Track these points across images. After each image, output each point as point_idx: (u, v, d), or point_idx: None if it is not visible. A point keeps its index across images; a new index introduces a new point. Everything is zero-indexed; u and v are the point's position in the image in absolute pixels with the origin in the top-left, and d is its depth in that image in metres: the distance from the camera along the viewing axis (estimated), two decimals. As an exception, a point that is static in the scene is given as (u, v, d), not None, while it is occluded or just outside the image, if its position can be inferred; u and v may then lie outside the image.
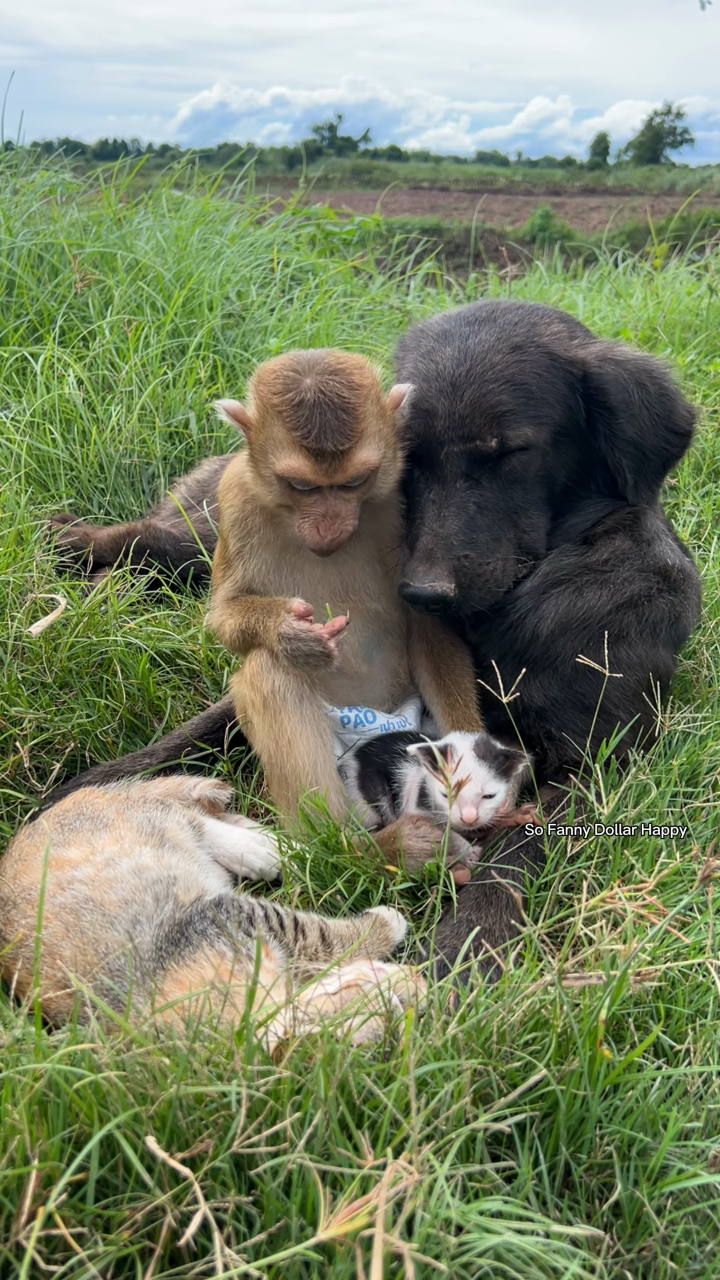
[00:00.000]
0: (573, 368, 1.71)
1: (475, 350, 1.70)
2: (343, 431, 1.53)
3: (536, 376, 1.68)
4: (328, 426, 1.52)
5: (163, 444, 2.91)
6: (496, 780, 1.57)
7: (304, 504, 1.60)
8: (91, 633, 2.04)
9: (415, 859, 1.57)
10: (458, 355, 1.71)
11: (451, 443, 1.68)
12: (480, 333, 1.73)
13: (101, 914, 1.30)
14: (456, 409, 1.67)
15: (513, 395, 1.67)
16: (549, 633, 1.74)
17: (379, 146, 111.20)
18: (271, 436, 1.58)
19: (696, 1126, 1.13)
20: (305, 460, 1.54)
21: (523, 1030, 1.12)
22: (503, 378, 1.67)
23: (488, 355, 1.69)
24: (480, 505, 1.70)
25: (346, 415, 1.53)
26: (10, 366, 3.10)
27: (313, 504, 1.60)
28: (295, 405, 1.53)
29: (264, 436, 1.59)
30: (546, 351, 1.70)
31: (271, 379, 1.58)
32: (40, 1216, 0.90)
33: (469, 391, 1.67)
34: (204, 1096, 0.99)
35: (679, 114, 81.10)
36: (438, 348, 1.75)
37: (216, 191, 4.81)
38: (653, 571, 1.81)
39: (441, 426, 1.68)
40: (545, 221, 17.39)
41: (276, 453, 1.57)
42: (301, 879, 1.56)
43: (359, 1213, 0.86)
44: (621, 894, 1.31)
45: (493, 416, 1.66)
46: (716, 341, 4.03)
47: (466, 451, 1.68)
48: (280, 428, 1.56)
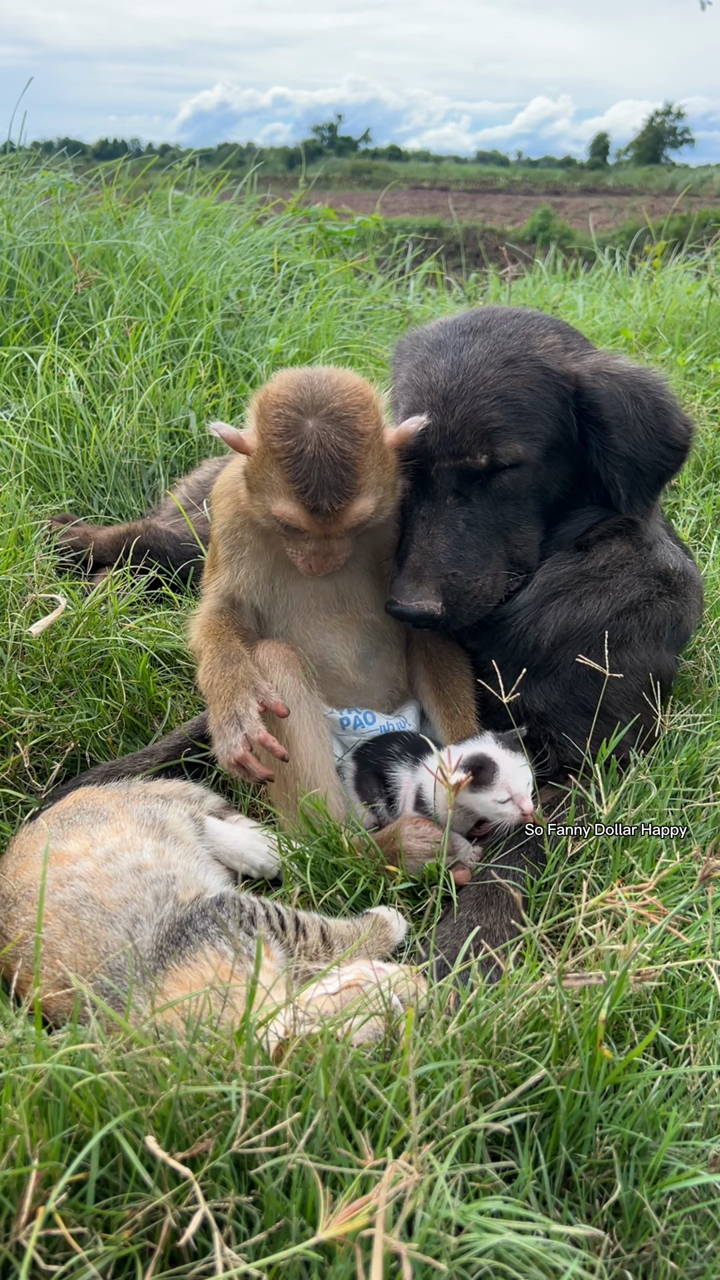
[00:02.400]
0: (566, 382, 1.69)
1: (468, 363, 1.68)
2: (340, 490, 1.50)
3: (529, 392, 1.67)
4: (325, 484, 1.49)
5: (163, 444, 2.91)
6: (527, 764, 1.61)
7: (297, 540, 1.60)
8: (91, 633, 2.04)
9: (415, 859, 1.57)
10: (450, 368, 1.69)
11: (442, 459, 1.67)
12: (474, 344, 1.71)
13: (101, 912, 1.30)
14: (448, 424, 1.66)
15: (504, 411, 1.65)
16: (550, 644, 1.74)
17: (379, 146, 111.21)
18: (268, 478, 1.55)
19: (696, 1126, 1.13)
20: (301, 512, 1.53)
21: (523, 1030, 1.12)
22: (494, 393, 1.65)
23: (480, 369, 1.67)
24: (470, 522, 1.69)
25: (346, 472, 1.51)
26: (10, 366, 3.10)
27: (305, 542, 1.59)
28: (295, 455, 1.50)
29: (261, 474, 1.57)
30: (540, 365, 1.69)
31: (274, 416, 1.53)
32: (40, 1216, 0.90)
33: (460, 407, 1.65)
34: (204, 1096, 0.99)
35: (679, 114, 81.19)
36: (431, 359, 1.73)
37: (217, 192, 4.81)
38: (653, 576, 1.81)
39: (433, 442, 1.67)
40: (545, 221, 17.40)
41: (273, 495, 1.55)
42: (302, 879, 1.56)
43: (359, 1213, 0.86)
44: (621, 894, 1.31)
45: (483, 433, 1.65)
46: (716, 341, 4.03)
47: (456, 468, 1.67)
48: (278, 474, 1.53)
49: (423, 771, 1.65)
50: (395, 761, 1.69)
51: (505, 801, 1.56)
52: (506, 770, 1.57)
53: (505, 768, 1.57)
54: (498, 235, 13.80)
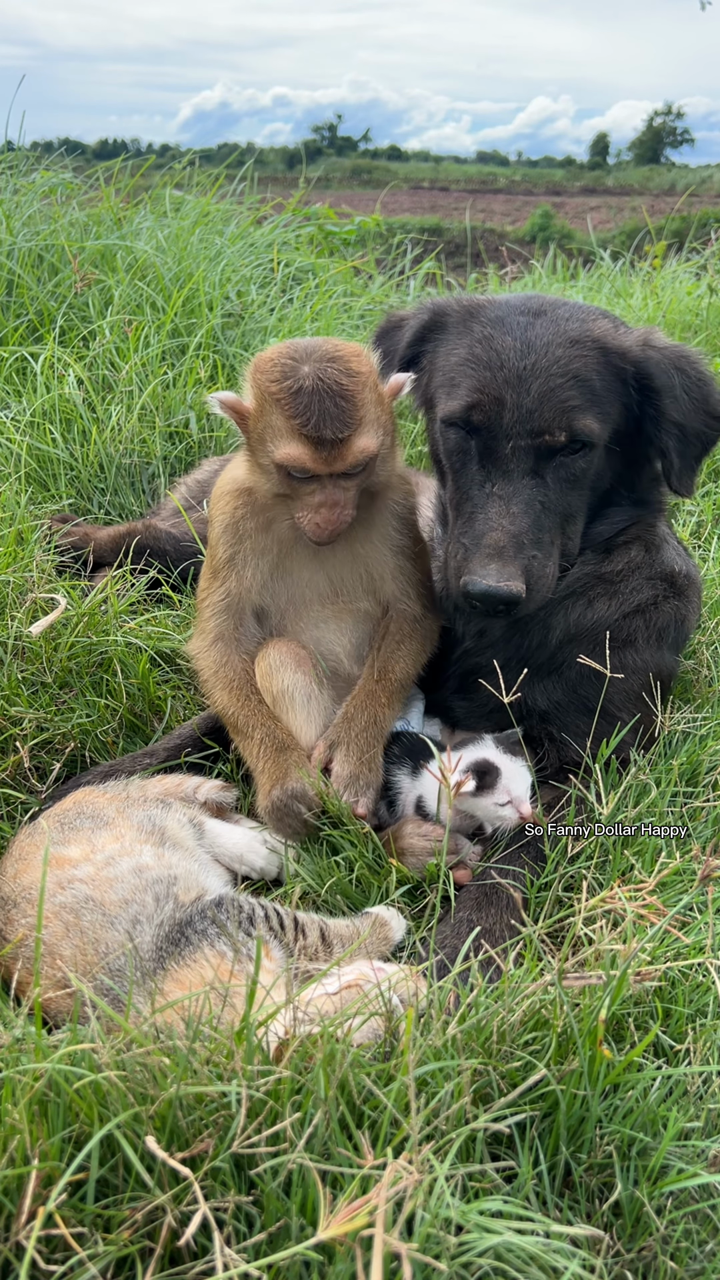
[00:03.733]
0: (624, 362, 1.68)
1: (537, 343, 1.66)
2: (342, 419, 1.52)
3: (597, 373, 1.66)
4: (327, 414, 1.51)
5: (163, 444, 2.91)
6: (527, 768, 1.60)
7: (302, 493, 1.60)
8: (91, 633, 2.04)
9: (417, 858, 1.57)
10: (520, 346, 1.66)
11: (519, 436, 1.63)
12: (537, 325, 1.69)
13: (101, 913, 1.30)
14: (524, 401, 1.62)
15: (579, 390, 1.63)
16: (557, 642, 1.74)
17: (379, 146, 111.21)
18: (270, 425, 1.57)
19: (696, 1126, 1.13)
20: (305, 448, 1.54)
21: (523, 1030, 1.12)
22: (568, 372, 1.64)
23: (550, 349, 1.65)
24: (544, 504, 1.65)
25: (345, 403, 1.53)
26: (10, 366, 3.10)
27: (311, 493, 1.59)
28: (294, 393, 1.53)
29: (262, 425, 1.59)
30: (601, 346, 1.68)
31: (269, 367, 1.58)
32: (40, 1216, 0.90)
33: (536, 384, 1.62)
34: (204, 1096, 0.99)
35: (679, 114, 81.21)
36: (495, 334, 1.69)
37: (217, 192, 4.81)
38: (660, 579, 1.82)
39: (509, 419, 1.63)
40: (545, 221, 17.39)
41: (275, 441, 1.57)
42: (303, 878, 1.56)
43: (359, 1212, 0.86)
44: (621, 894, 1.31)
45: (562, 410, 1.62)
46: (716, 341, 4.03)
47: (534, 446, 1.63)
48: (279, 416, 1.55)
49: (423, 780, 1.65)
50: (396, 765, 1.70)
51: (505, 805, 1.56)
52: (508, 775, 1.57)
53: (507, 772, 1.57)
54: (498, 235, 13.81)
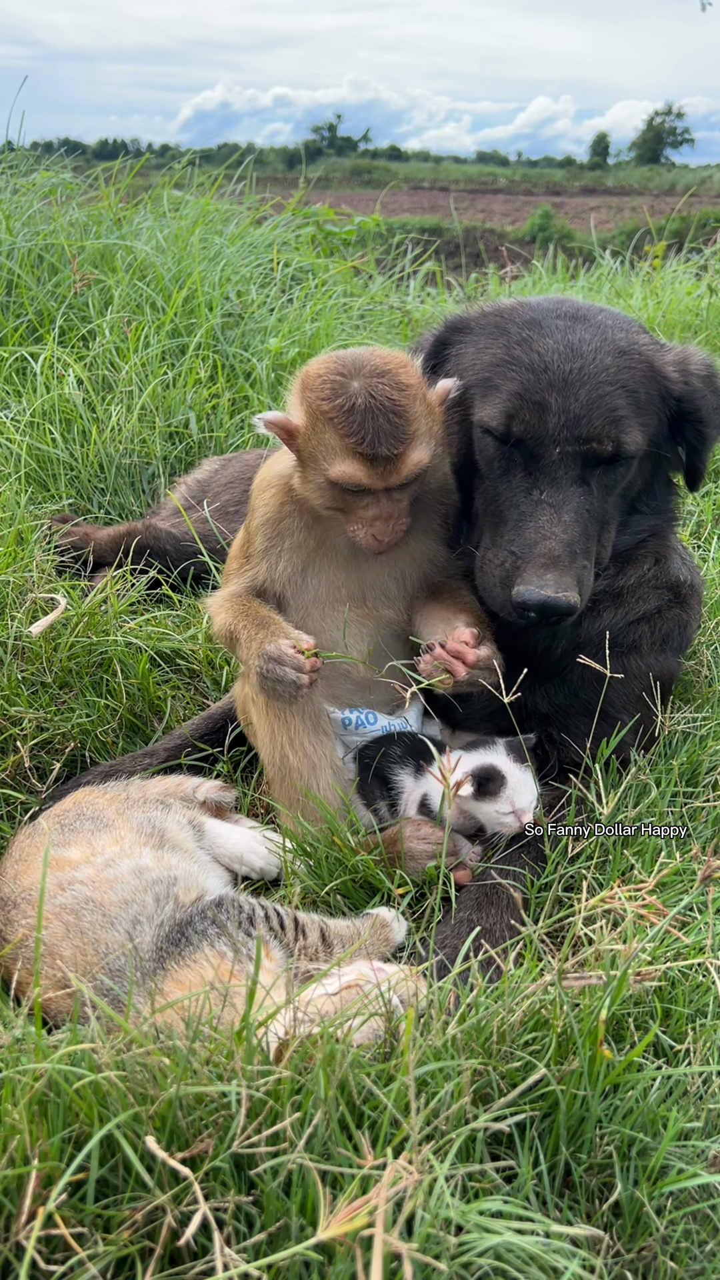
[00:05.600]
0: (667, 382, 1.69)
1: (582, 349, 1.63)
2: (395, 435, 1.52)
3: (642, 385, 1.65)
4: (381, 431, 1.51)
5: (163, 444, 2.91)
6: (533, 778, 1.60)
7: (356, 506, 1.60)
8: (91, 633, 2.04)
9: (417, 860, 1.57)
10: (564, 350, 1.63)
11: (566, 442, 1.60)
12: (579, 330, 1.66)
13: (102, 914, 1.30)
14: (571, 407, 1.59)
15: (626, 401, 1.62)
16: (562, 650, 1.74)
17: (379, 146, 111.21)
18: (323, 443, 1.56)
19: (696, 1126, 1.13)
20: (360, 466, 1.54)
21: (523, 1030, 1.12)
22: (616, 381, 1.62)
23: (597, 356, 1.63)
24: (590, 513, 1.63)
25: (398, 418, 1.52)
26: (10, 366, 3.10)
27: (365, 506, 1.59)
28: (346, 411, 1.52)
29: (314, 443, 1.58)
30: (647, 361, 1.67)
31: (318, 384, 1.56)
32: (40, 1216, 0.90)
33: (584, 391, 1.60)
34: (204, 1096, 0.99)
35: (680, 114, 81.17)
36: (534, 337, 1.66)
37: (216, 192, 4.81)
38: (665, 587, 1.82)
39: (555, 424, 1.60)
40: (545, 221, 17.40)
41: (329, 459, 1.56)
42: (301, 879, 1.56)
43: (359, 1213, 0.86)
44: (621, 894, 1.31)
45: (611, 419, 1.60)
46: (716, 341, 4.03)
47: (582, 453, 1.61)
48: (332, 434, 1.54)
49: (427, 780, 1.65)
50: (398, 765, 1.69)
51: (508, 814, 1.56)
52: (514, 784, 1.57)
53: (513, 781, 1.57)
54: (498, 235, 13.82)
